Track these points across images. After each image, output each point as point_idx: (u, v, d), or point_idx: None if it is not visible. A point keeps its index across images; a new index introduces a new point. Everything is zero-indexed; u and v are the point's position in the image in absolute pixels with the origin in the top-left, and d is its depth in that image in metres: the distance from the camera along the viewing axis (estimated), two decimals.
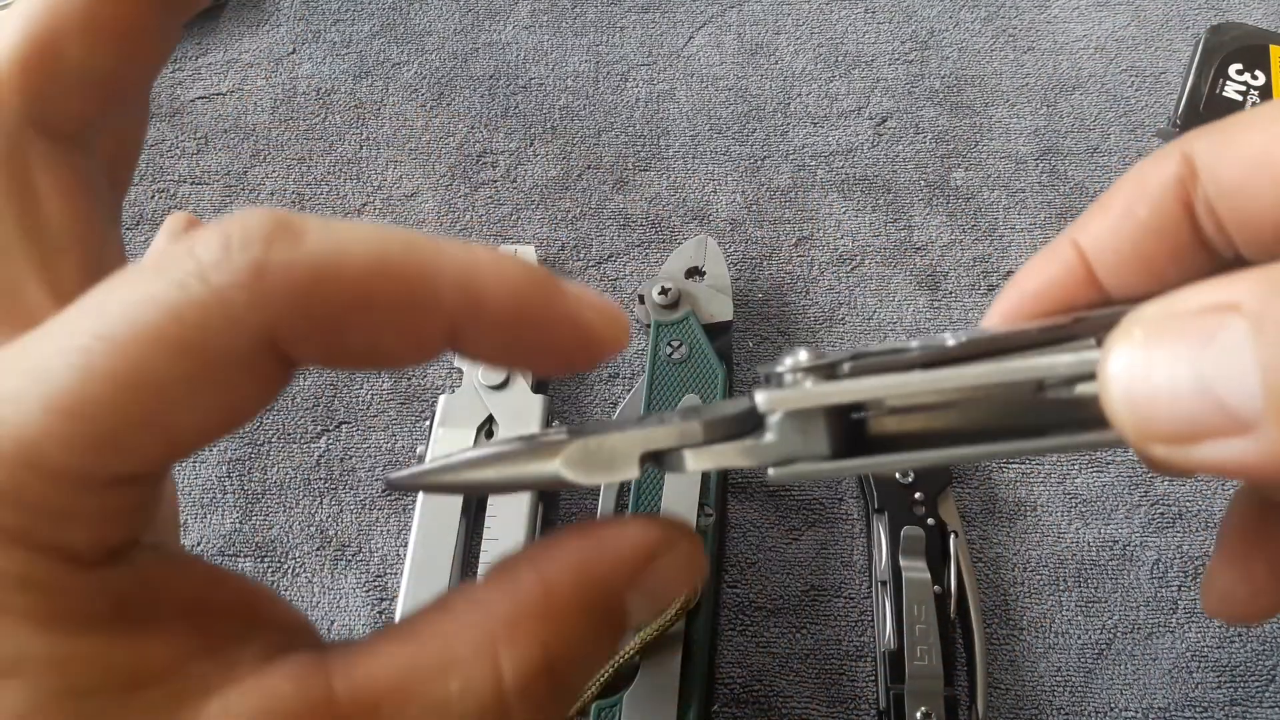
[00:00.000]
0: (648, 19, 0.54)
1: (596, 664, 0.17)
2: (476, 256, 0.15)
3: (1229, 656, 0.39)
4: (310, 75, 0.52)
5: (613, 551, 0.16)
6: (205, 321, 0.14)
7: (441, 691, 0.15)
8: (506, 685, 0.15)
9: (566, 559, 0.16)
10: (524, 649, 0.15)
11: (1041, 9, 0.54)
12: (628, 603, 0.16)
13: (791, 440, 0.17)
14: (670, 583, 0.17)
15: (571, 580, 0.16)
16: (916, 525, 0.39)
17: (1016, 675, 0.39)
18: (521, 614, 0.16)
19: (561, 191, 0.49)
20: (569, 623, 0.16)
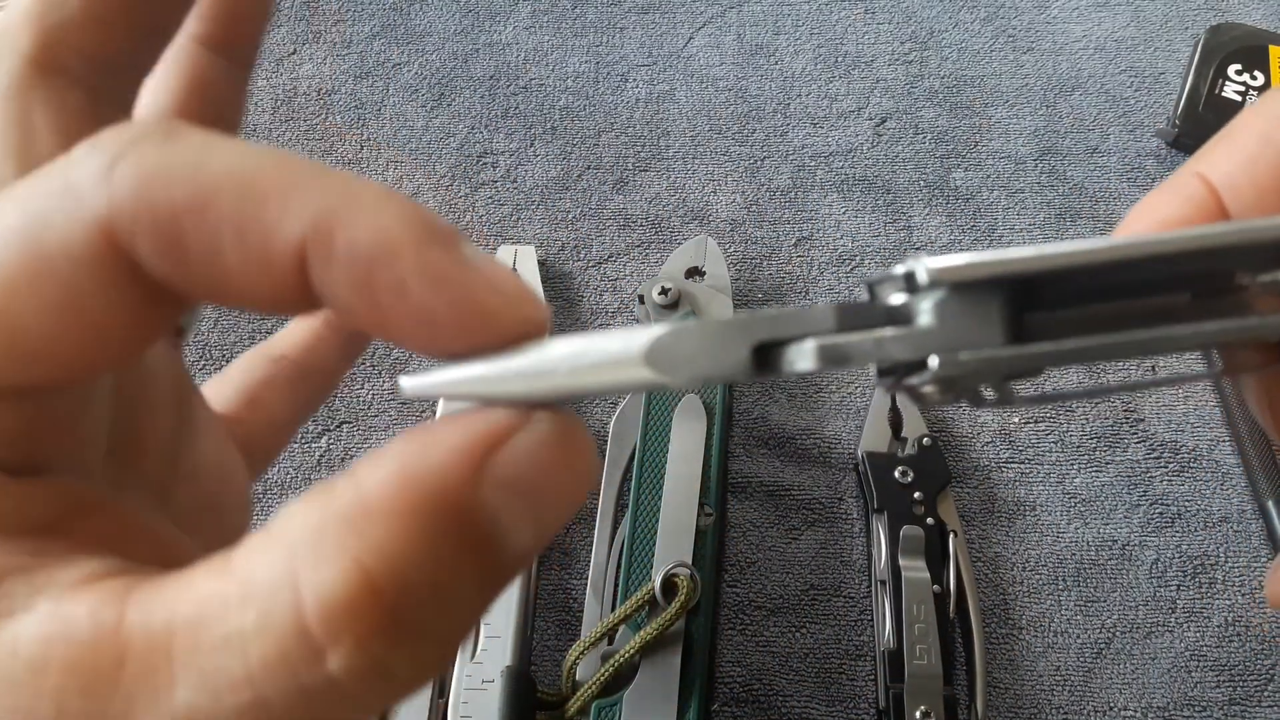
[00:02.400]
0: (648, 20, 0.54)
1: (462, 589, 0.13)
2: (349, 189, 0.13)
3: (1228, 656, 0.39)
4: (311, 75, 0.52)
5: (443, 442, 0.13)
6: (45, 213, 0.13)
7: (237, 625, 0.12)
8: (309, 616, 0.12)
9: (387, 459, 0.13)
10: (330, 568, 0.12)
11: (1041, 10, 0.54)
12: (483, 502, 0.13)
13: (957, 324, 0.14)
14: (535, 468, 0.13)
15: (391, 479, 0.13)
16: (916, 525, 0.39)
17: (1015, 674, 0.39)
18: (328, 526, 0.12)
19: (561, 192, 0.49)
20: (392, 532, 0.12)
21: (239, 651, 0.12)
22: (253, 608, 0.12)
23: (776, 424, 0.43)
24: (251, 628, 0.12)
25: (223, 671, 0.12)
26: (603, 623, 0.36)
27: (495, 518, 0.13)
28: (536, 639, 0.39)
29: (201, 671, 0.12)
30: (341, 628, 0.12)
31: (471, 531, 0.13)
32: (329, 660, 0.12)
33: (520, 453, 0.13)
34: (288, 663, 0.12)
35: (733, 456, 0.42)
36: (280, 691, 0.12)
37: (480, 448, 0.13)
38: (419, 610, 0.13)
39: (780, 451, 0.43)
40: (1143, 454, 0.43)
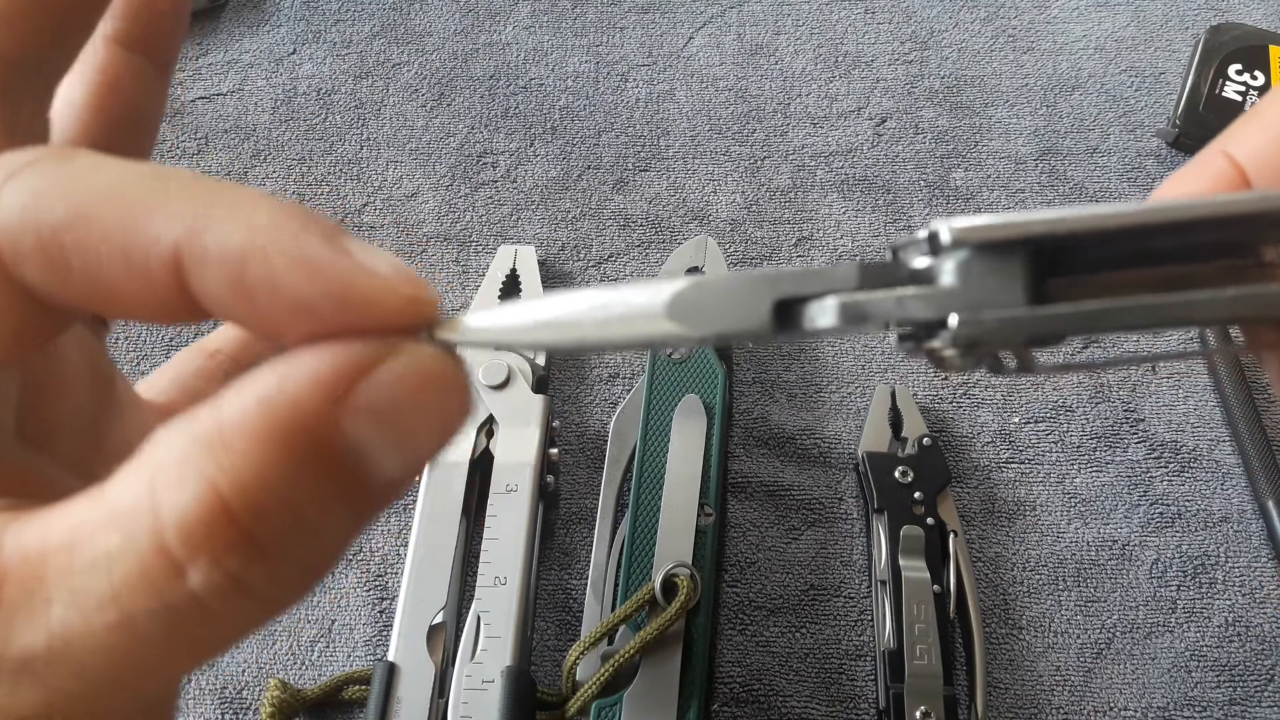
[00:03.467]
0: (648, 19, 0.54)
1: (324, 513, 0.13)
2: (218, 195, 0.13)
3: (1228, 656, 0.39)
4: (311, 75, 0.52)
5: (304, 370, 0.13)
6: None
7: (104, 545, 0.13)
8: (167, 536, 0.12)
9: (249, 387, 0.13)
10: (187, 491, 0.13)
11: (1041, 9, 0.54)
12: (345, 430, 0.13)
13: (980, 284, 0.14)
14: (399, 397, 0.13)
15: (249, 406, 0.13)
16: (916, 525, 0.39)
17: (1016, 674, 0.39)
18: (188, 452, 0.13)
19: (561, 192, 0.49)
20: (245, 454, 0.13)
21: (104, 571, 0.13)
22: (117, 529, 0.13)
23: (776, 424, 0.43)
24: (116, 548, 0.13)
25: (91, 591, 0.13)
26: (603, 623, 0.36)
27: (358, 446, 0.13)
28: (536, 639, 0.39)
29: (72, 591, 0.13)
30: (198, 546, 0.12)
31: (331, 458, 0.13)
32: (189, 577, 0.13)
33: (384, 383, 0.13)
34: (150, 580, 0.13)
35: (733, 456, 0.42)
36: (145, 609, 0.13)
37: (341, 376, 0.13)
38: (276, 531, 0.13)
39: (780, 451, 0.43)
40: (1143, 454, 0.43)
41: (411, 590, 0.37)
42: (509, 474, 0.39)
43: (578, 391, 0.44)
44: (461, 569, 0.38)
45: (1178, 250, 0.15)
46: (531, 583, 0.38)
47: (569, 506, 0.42)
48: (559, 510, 0.41)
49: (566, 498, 0.42)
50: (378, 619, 0.39)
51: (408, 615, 0.37)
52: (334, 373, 0.13)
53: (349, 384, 0.13)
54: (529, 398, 0.41)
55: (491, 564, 0.37)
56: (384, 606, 0.40)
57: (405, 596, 0.37)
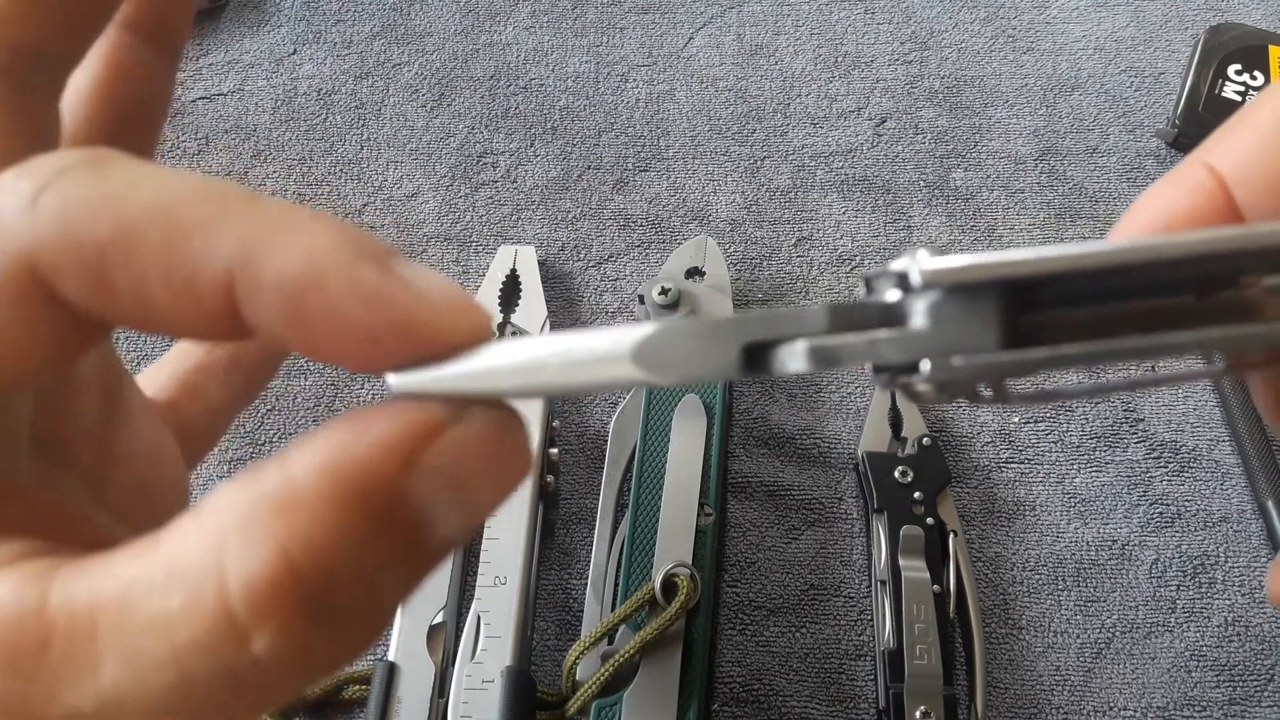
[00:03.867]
0: (648, 20, 0.54)
1: (386, 575, 0.13)
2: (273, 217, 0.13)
3: (1228, 656, 0.39)
4: (311, 76, 0.52)
5: (375, 432, 0.13)
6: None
7: (163, 606, 0.12)
8: (234, 600, 0.12)
9: (318, 447, 0.13)
10: (256, 554, 0.12)
11: (1041, 10, 0.54)
12: (411, 493, 0.13)
13: (952, 327, 0.14)
14: (466, 461, 0.13)
15: (320, 468, 0.13)
16: (916, 525, 0.39)
17: (1015, 674, 0.39)
18: (255, 512, 0.12)
19: (562, 192, 0.49)
20: (317, 519, 0.12)
21: (164, 633, 0.12)
22: (179, 590, 0.12)
23: (776, 424, 0.43)
24: (177, 609, 0.12)
25: (148, 652, 0.12)
26: (603, 623, 0.36)
27: (422, 508, 0.13)
28: (536, 639, 0.39)
29: (126, 651, 0.12)
30: (265, 612, 0.12)
31: (398, 521, 0.13)
32: (253, 643, 0.12)
33: (452, 447, 0.13)
34: (212, 645, 0.12)
35: (733, 456, 0.42)
36: (205, 672, 0.12)
37: (410, 441, 0.13)
38: (341, 596, 0.13)
39: (780, 451, 0.43)
40: (1143, 454, 0.43)
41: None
42: None
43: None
44: (461, 569, 0.38)
45: (1155, 285, 0.15)
46: (531, 582, 0.38)
47: (569, 506, 0.42)
48: (559, 510, 0.42)
49: (566, 498, 0.42)
50: None
51: (408, 615, 0.37)
52: (405, 437, 0.13)
53: (419, 448, 0.13)
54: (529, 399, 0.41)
55: (491, 564, 0.37)
56: None
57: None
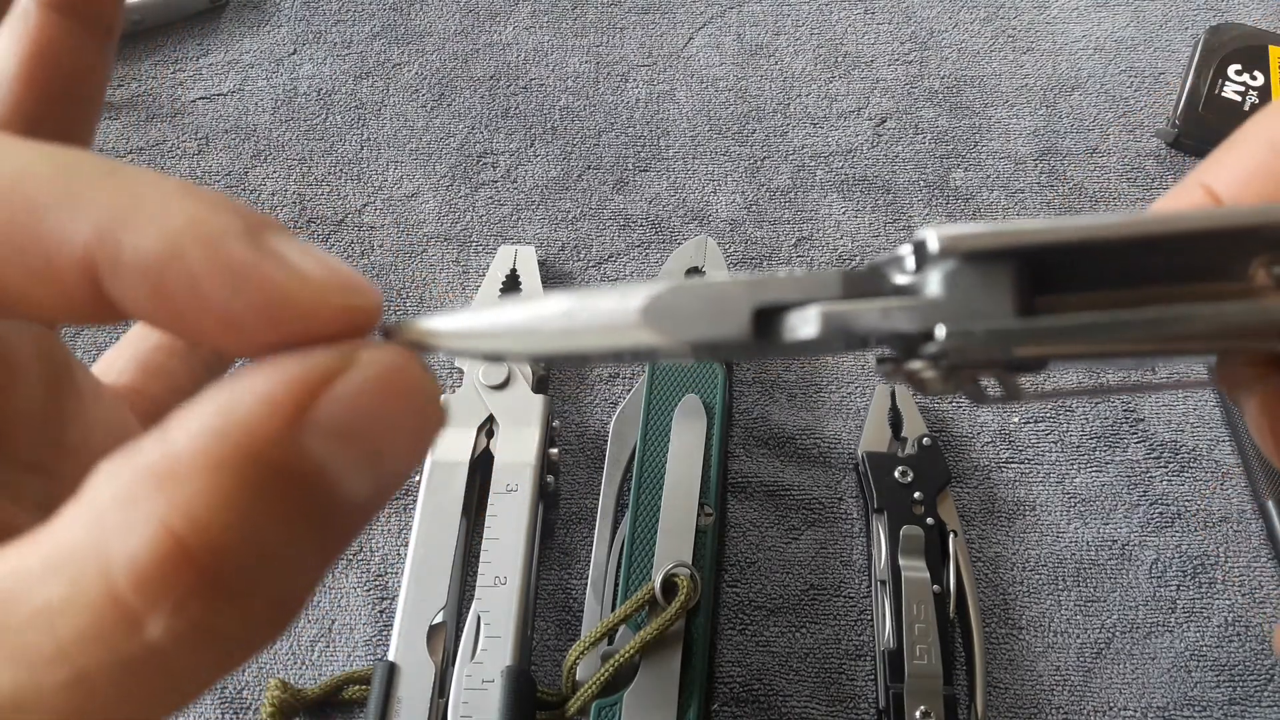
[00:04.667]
0: (648, 20, 0.54)
1: (291, 544, 0.12)
2: (136, 190, 0.12)
3: (1227, 656, 0.39)
4: (311, 76, 0.52)
5: (258, 389, 0.12)
6: None
7: (43, 598, 0.11)
8: (118, 584, 0.11)
9: (200, 411, 0.12)
10: (138, 533, 0.11)
11: (1041, 10, 0.54)
12: (304, 452, 0.12)
13: (968, 295, 0.14)
14: (361, 412, 0.12)
15: (200, 433, 0.12)
16: (916, 525, 0.39)
17: (1015, 674, 0.39)
18: (134, 486, 0.12)
19: (562, 192, 0.49)
20: (201, 491, 0.11)
21: (47, 626, 0.11)
22: (60, 579, 0.11)
23: (776, 424, 0.43)
24: (58, 600, 0.11)
25: (34, 648, 0.11)
26: (603, 623, 0.36)
27: (322, 468, 0.12)
28: (536, 639, 0.39)
29: (14, 649, 0.11)
30: (156, 594, 0.11)
31: (294, 485, 0.12)
32: (147, 628, 0.11)
33: (344, 398, 0.12)
34: (102, 635, 0.11)
35: (733, 456, 0.42)
36: (99, 665, 0.11)
37: (296, 394, 0.12)
38: (241, 569, 0.12)
39: (780, 451, 0.43)
40: (1143, 454, 0.43)
41: (411, 590, 0.37)
42: (509, 474, 0.39)
43: (578, 391, 0.44)
44: (461, 569, 0.38)
45: (1167, 270, 0.15)
46: (531, 583, 0.38)
47: (569, 506, 0.42)
48: (559, 510, 0.42)
49: (566, 498, 0.42)
50: (378, 619, 0.39)
51: (408, 615, 0.37)
52: (288, 391, 0.12)
53: (305, 402, 0.12)
54: (529, 398, 0.41)
55: (491, 564, 0.37)
56: (384, 606, 0.40)
57: (405, 596, 0.37)
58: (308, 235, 0.48)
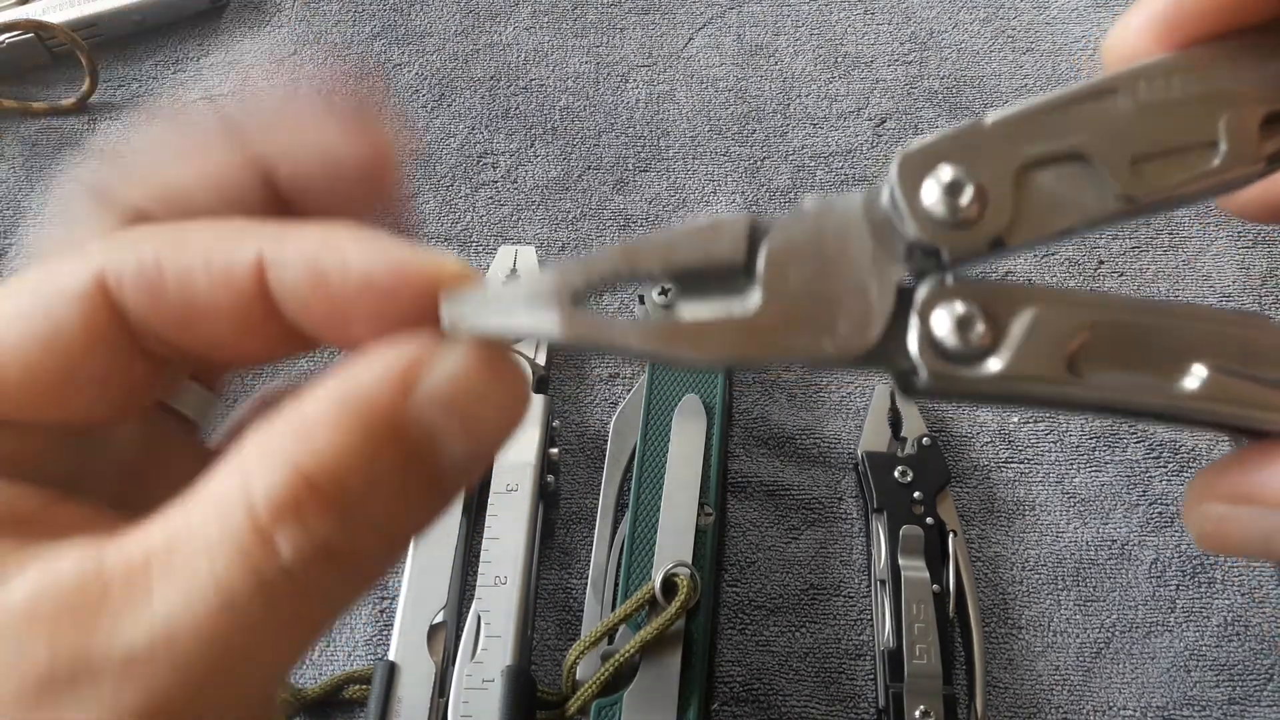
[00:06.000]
0: (648, 20, 0.54)
1: (401, 488, 0.15)
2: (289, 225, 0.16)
3: (1227, 655, 0.39)
4: (312, 76, 0.52)
5: (377, 363, 0.15)
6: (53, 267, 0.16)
7: (204, 536, 0.14)
8: (259, 511, 0.14)
9: (327, 383, 0.15)
10: (271, 471, 0.14)
11: (1040, 10, 0.54)
12: (415, 417, 0.15)
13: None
14: (460, 387, 0.15)
15: (328, 398, 0.15)
16: (915, 524, 0.39)
17: (1015, 674, 0.39)
18: (273, 440, 0.15)
19: (562, 192, 0.49)
20: (326, 439, 0.14)
21: (205, 558, 0.14)
22: (214, 517, 0.14)
23: (776, 424, 0.43)
24: (214, 536, 0.14)
25: (194, 579, 0.14)
26: (603, 622, 0.36)
27: (428, 430, 0.15)
28: (536, 639, 0.39)
29: (175, 583, 0.14)
30: (285, 515, 0.14)
31: (404, 439, 0.15)
32: (279, 545, 0.14)
33: (444, 373, 0.15)
34: (246, 556, 0.14)
35: (733, 456, 0.43)
36: (244, 588, 0.14)
37: (404, 368, 0.15)
38: (357, 501, 0.15)
39: (780, 451, 0.43)
40: (1142, 454, 0.43)
41: (411, 590, 0.37)
42: (509, 474, 0.39)
43: (578, 391, 0.44)
44: (461, 569, 0.38)
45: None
46: (531, 582, 0.38)
47: (569, 506, 0.42)
48: (559, 510, 0.42)
49: (566, 498, 0.42)
50: (378, 618, 0.39)
51: (408, 615, 0.37)
52: (400, 365, 0.15)
53: (414, 375, 0.15)
54: (531, 398, 0.41)
55: (492, 563, 0.37)
56: (384, 606, 0.40)
57: (405, 596, 0.37)
58: None
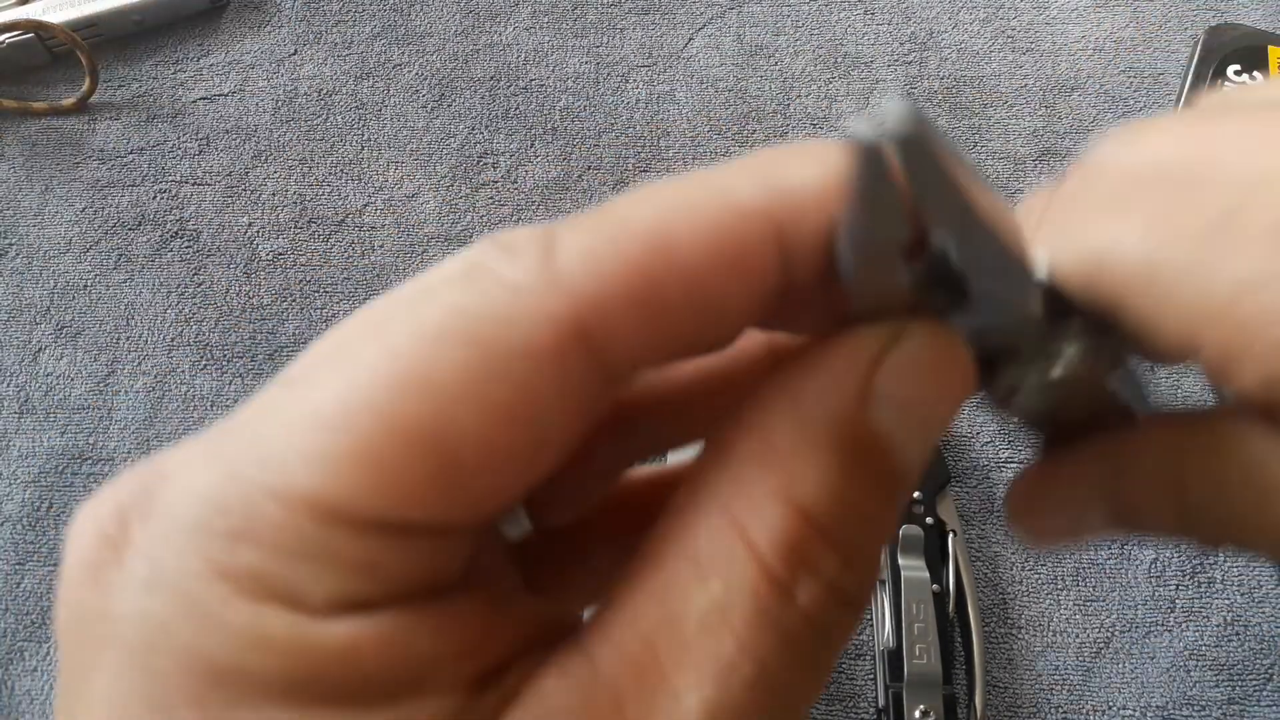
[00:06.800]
0: (648, 21, 0.54)
1: (877, 511, 0.13)
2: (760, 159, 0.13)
3: (1226, 655, 0.39)
4: (312, 76, 0.52)
5: (819, 377, 0.13)
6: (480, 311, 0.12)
7: (708, 597, 0.12)
8: (767, 556, 0.12)
9: (771, 405, 0.13)
10: (766, 513, 0.13)
11: (1040, 10, 0.54)
12: (874, 424, 0.13)
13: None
14: (916, 380, 0.13)
15: (784, 423, 0.13)
16: (915, 524, 0.39)
17: (1014, 673, 0.39)
18: (745, 479, 0.13)
19: (562, 192, 0.49)
20: (810, 467, 0.13)
21: (721, 623, 0.12)
22: (714, 578, 0.12)
23: None
24: (721, 593, 0.12)
25: (716, 653, 0.12)
26: None
27: (889, 435, 0.13)
28: None
29: (697, 665, 0.12)
30: (797, 560, 0.12)
31: (869, 449, 0.13)
32: (798, 595, 0.12)
33: (901, 369, 0.13)
34: (767, 613, 0.12)
35: None
36: (772, 647, 0.12)
37: (861, 374, 0.13)
38: (848, 531, 0.13)
39: None
40: None
41: None
42: None
43: None
44: None
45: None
46: None
47: None
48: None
49: None
50: None
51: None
52: (853, 371, 0.13)
53: (869, 380, 0.13)
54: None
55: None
56: None
57: None
58: (308, 235, 0.48)
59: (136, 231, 0.48)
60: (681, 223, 0.13)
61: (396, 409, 0.12)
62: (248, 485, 0.12)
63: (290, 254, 0.47)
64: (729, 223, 0.13)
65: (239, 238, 0.48)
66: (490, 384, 0.12)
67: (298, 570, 0.12)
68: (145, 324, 0.46)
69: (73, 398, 0.44)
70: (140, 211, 0.48)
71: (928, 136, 0.11)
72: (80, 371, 0.45)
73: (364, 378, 0.12)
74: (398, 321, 0.12)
